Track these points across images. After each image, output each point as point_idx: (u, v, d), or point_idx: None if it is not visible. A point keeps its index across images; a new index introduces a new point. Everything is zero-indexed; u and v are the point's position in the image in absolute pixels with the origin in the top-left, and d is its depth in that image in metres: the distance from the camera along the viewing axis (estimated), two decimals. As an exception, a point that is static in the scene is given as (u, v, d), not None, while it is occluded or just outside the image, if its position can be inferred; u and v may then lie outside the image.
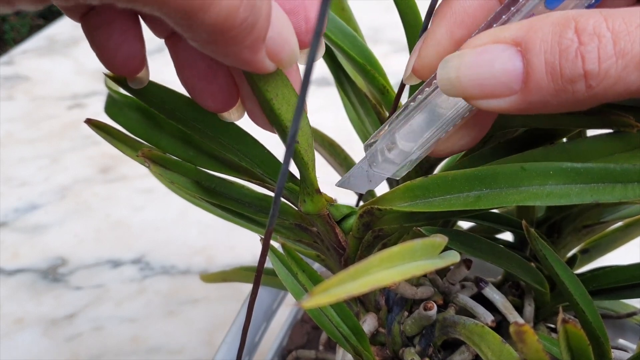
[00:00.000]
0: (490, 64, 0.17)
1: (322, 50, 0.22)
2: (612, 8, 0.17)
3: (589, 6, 0.19)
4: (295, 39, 0.19)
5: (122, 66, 0.20)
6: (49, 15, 1.68)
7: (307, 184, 0.23)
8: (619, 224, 0.33)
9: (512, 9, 0.19)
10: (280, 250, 0.24)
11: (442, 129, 0.21)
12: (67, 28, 1.02)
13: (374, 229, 0.24)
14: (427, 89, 0.21)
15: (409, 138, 0.22)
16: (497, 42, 0.17)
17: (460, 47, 0.19)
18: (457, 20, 0.21)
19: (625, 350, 0.31)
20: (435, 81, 0.20)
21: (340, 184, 0.24)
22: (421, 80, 0.22)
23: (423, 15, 0.23)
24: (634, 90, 0.16)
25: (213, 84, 0.21)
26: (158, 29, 0.21)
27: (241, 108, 0.23)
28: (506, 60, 0.17)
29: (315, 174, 0.22)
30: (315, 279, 0.24)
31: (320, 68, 0.31)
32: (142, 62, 0.21)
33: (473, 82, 0.18)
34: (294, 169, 0.22)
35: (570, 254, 0.34)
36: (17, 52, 0.96)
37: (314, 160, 0.22)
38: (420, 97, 0.21)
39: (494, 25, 0.19)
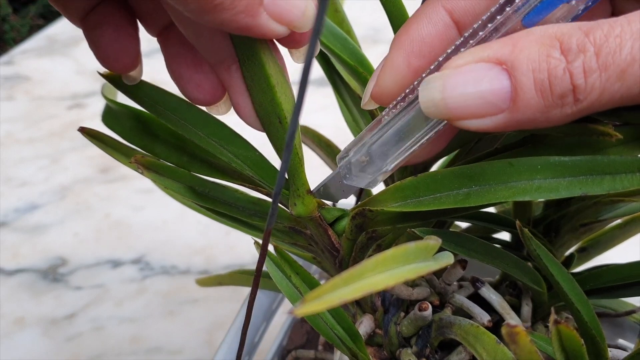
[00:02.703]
0: (477, 83, 0.17)
1: (317, 49, 0.22)
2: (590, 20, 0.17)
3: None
4: None
5: (116, 62, 0.21)
6: (49, 15, 1.68)
7: (298, 185, 0.23)
8: (617, 222, 0.33)
9: (489, 25, 0.19)
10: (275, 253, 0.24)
11: (416, 143, 0.21)
12: (67, 28, 1.02)
13: (368, 230, 0.24)
14: (401, 103, 0.21)
15: (382, 151, 0.22)
16: (481, 61, 0.17)
17: (441, 68, 0.19)
18: (414, 50, 0.21)
19: (624, 350, 0.31)
20: (410, 96, 0.20)
21: (313, 194, 0.24)
22: (380, 105, 0.22)
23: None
24: (617, 100, 0.17)
25: (199, 74, 0.22)
26: (151, 26, 0.22)
27: (228, 102, 0.23)
28: (493, 78, 0.17)
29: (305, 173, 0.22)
30: (309, 282, 0.24)
31: (319, 69, 0.31)
32: (136, 60, 0.22)
33: (459, 103, 0.18)
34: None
35: (567, 252, 0.34)
36: (17, 52, 0.96)
37: (303, 157, 0.22)
38: (394, 111, 0.21)
39: (462, 50, 0.19)
